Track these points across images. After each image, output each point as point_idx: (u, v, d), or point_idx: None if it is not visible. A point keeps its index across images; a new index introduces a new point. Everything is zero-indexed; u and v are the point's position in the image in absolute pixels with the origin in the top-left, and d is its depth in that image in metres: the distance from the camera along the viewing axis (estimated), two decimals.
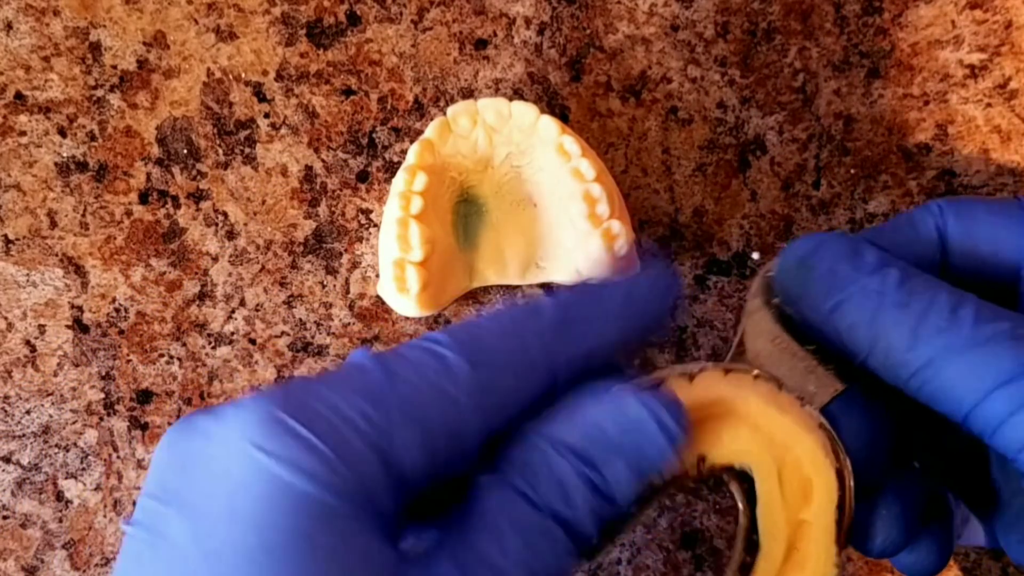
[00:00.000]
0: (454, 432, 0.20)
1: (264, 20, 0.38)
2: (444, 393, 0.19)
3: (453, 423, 0.20)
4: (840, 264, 0.23)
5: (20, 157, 0.37)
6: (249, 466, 0.17)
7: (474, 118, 0.34)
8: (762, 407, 0.24)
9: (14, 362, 0.37)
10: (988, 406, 0.20)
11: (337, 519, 0.17)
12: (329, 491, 0.17)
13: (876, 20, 0.37)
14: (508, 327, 0.21)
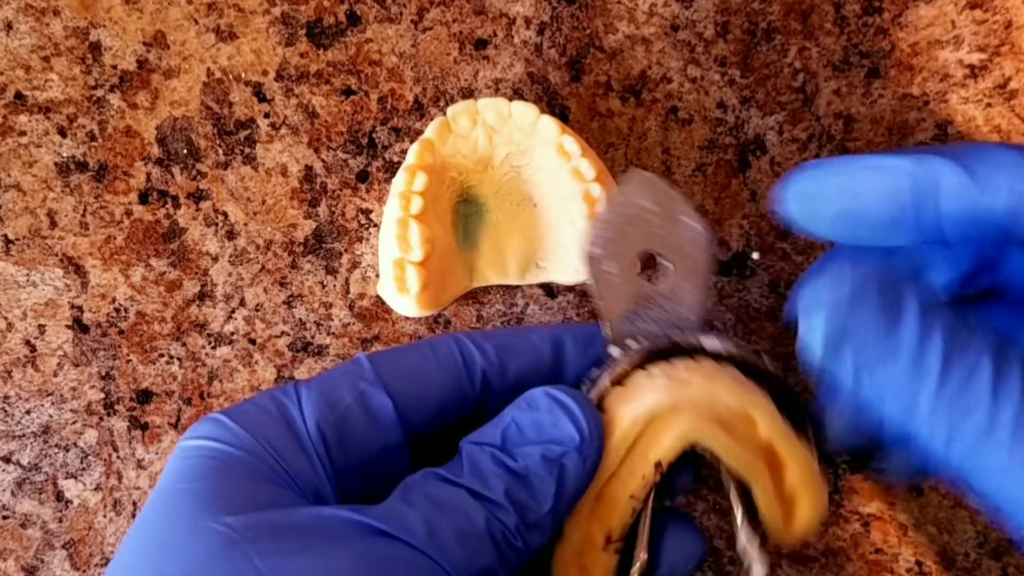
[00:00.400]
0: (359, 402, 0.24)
1: (264, 20, 0.38)
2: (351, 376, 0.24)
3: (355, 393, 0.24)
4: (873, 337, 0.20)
5: (20, 157, 0.37)
6: (178, 451, 0.23)
7: (474, 118, 0.34)
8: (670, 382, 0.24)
9: (14, 362, 0.37)
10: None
11: (232, 462, 0.22)
12: (225, 443, 0.22)
13: (876, 20, 0.37)
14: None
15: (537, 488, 0.22)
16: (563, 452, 0.22)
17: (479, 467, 0.22)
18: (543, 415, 0.22)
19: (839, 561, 0.37)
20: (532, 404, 0.23)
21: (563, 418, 0.22)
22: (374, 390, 0.24)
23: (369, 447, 0.23)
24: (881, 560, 0.36)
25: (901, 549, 0.36)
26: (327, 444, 0.23)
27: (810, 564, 0.37)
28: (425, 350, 0.25)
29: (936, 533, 0.36)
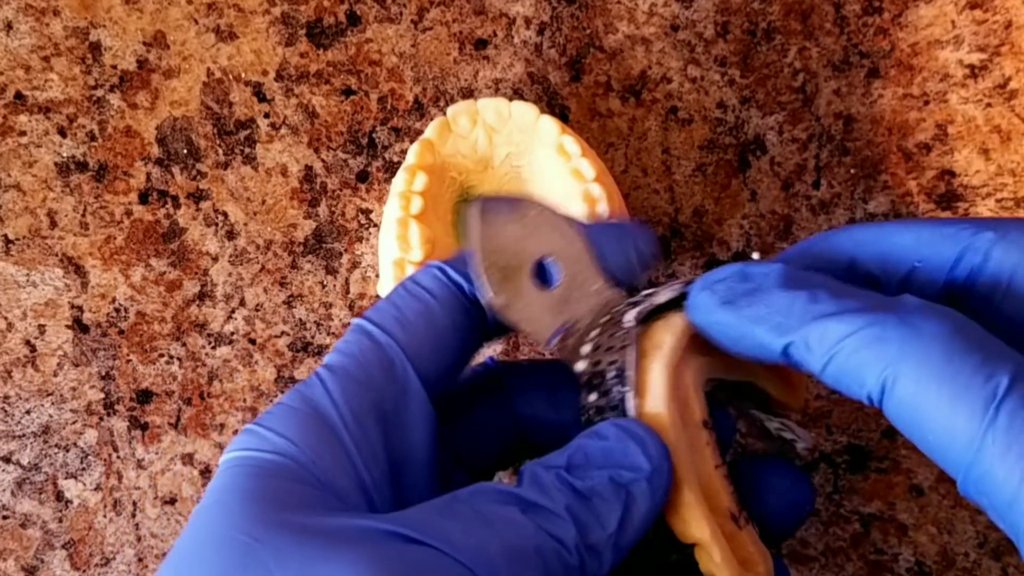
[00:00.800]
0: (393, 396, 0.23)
1: (264, 20, 0.38)
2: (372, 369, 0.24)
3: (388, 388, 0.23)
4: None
5: (20, 157, 0.37)
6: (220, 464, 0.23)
7: (474, 118, 0.34)
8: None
9: (14, 362, 0.37)
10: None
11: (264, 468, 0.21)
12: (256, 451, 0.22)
13: (876, 20, 0.37)
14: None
15: (601, 510, 0.21)
16: (632, 479, 0.21)
17: (541, 481, 0.21)
18: (612, 443, 0.22)
19: (839, 561, 0.37)
20: (600, 434, 0.22)
21: (633, 447, 0.22)
22: (397, 356, 0.24)
23: (402, 417, 0.23)
24: (881, 560, 0.36)
25: (901, 549, 0.36)
26: (367, 433, 0.22)
27: (810, 564, 0.37)
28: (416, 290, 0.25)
29: (936, 533, 0.36)
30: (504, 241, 0.24)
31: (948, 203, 0.36)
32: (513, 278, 0.24)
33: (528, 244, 0.24)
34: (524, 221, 0.24)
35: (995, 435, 0.18)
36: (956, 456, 0.18)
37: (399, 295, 0.25)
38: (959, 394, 0.18)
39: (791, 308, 0.20)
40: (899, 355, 0.19)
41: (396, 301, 0.24)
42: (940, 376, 0.18)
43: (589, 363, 0.24)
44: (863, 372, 0.19)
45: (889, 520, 0.36)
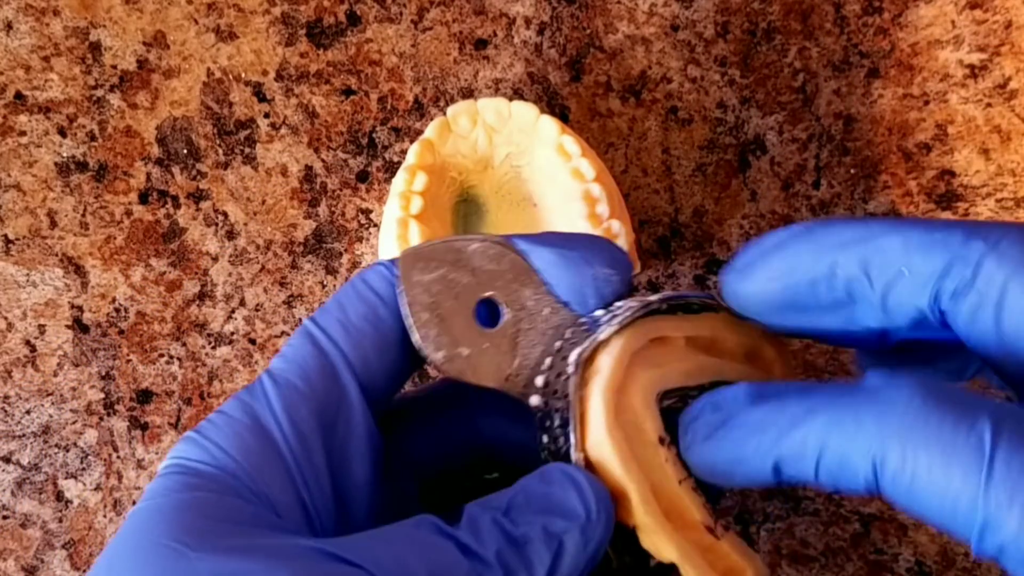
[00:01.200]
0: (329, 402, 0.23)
1: (264, 20, 0.38)
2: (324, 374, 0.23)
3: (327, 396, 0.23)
4: None
5: (20, 157, 0.37)
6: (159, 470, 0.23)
7: (474, 118, 0.34)
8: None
9: (14, 362, 0.37)
10: None
11: (199, 479, 0.21)
12: (195, 460, 0.22)
13: (876, 20, 0.37)
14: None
15: (531, 559, 0.21)
16: (565, 528, 0.21)
17: (477, 525, 0.21)
18: (554, 488, 0.22)
19: (839, 561, 0.37)
20: (546, 477, 0.22)
21: (572, 493, 0.22)
22: (340, 363, 0.23)
23: (342, 428, 0.23)
24: (881, 560, 0.36)
25: (901, 549, 0.36)
26: (307, 443, 0.22)
27: (810, 564, 0.37)
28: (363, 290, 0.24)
29: (936, 533, 0.36)
30: (437, 291, 0.23)
31: (948, 203, 0.36)
32: (454, 327, 0.23)
33: (465, 286, 0.23)
34: (457, 263, 0.23)
35: (996, 490, 0.17)
36: (964, 519, 0.18)
37: (346, 295, 0.24)
38: (948, 453, 0.18)
39: (764, 424, 0.20)
40: (879, 433, 0.18)
41: (343, 301, 0.24)
42: (926, 440, 0.18)
43: (540, 400, 0.23)
44: (853, 464, 0.19)
45: (889, 520, 0.36)
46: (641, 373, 0.23)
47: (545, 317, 0.23)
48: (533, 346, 0.23)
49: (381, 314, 0.23)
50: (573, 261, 0.24)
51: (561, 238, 0.25)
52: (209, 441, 0.22)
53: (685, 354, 0.24)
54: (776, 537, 0.37)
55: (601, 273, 0.24)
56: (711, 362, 0.24)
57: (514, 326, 0.23)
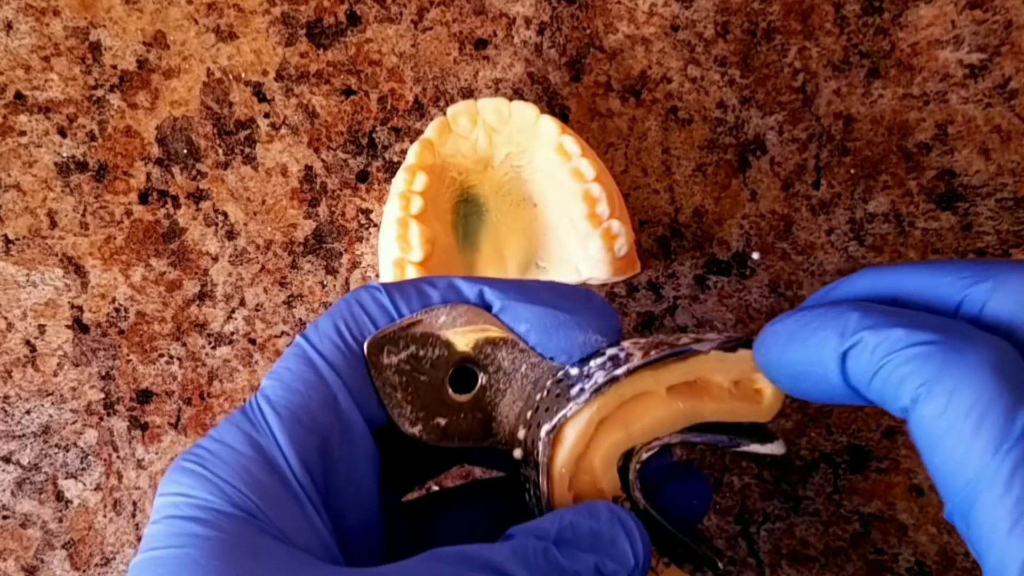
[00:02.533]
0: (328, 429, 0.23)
1: (264, 20, 0.38)
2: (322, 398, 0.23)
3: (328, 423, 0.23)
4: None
5: (20, 157, 0.37)
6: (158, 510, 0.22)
7: (474, 118, 0.34)
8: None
9: (14, 362, 0.37)
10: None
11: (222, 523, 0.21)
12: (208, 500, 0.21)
13: (876, 20, 0.37)
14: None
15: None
16: (615, 571, 0.22)
17: (527, 556, 0.21)
18: (603, 527, 0.22)
19: (839, 561, 0.37)
20: (593, 514, 0.22)
21: (623, 538, 0.22)
22: (341, 393, 0.23)
23: (346, 458, 0.23)
24: (881, 560, 0.36)
25: (901, 549, 0.36)
26: (313, 478, 0.22)
27: (810, 564, 0.37)
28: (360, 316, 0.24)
29: (936, 533, 0.36)
30: (408, 369, 0.24)
31: (948, 203, 0.36)
32: (428, 400, 0.24)
33: (436, 360, 0.24)
34: (424, 339, 0.24)
35: (1000, 475, 0.18)
36: (958, 481, 0.19)
37: (341, 316, 0.24)
38: (980, 426, 0.19)
39: (847, 323, 0.21)
40: (937, 374, 0.19)
41: (339, 325, 0.24)
42: (969, 404, 0.19)
43: (522, 453, 0.24)
44: (903, 385, 0.20)
45: (889, 520, 0.36)
46: (605, 438, 0.24)
47: (523, 374, 0.24)
48: (513, 403, 0.24)
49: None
50: (564, 324, 0.24)
51: (554, 294, 0.25)
52: (218, 477, 0.21)
53: (663, 403, 0.24)
54: (776, 537, 0.37)
55: (592, 340, 0.24)
56: (688, 407, 0.24)
57: (490, 388, 0.24)
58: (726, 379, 0.25)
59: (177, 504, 0.21)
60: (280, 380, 0.23)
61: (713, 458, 0.37)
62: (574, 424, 0.23)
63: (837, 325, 0.21)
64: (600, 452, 0.24)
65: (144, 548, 0.21)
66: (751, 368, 0.25)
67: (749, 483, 0.37)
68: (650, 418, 0.24)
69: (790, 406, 0.37)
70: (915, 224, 0.37)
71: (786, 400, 0.35)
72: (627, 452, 0.24)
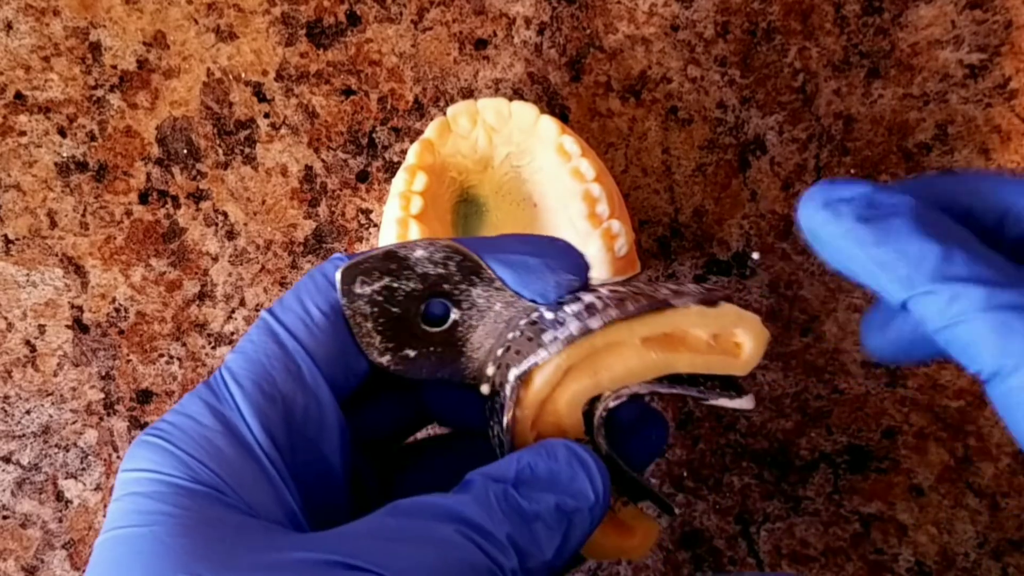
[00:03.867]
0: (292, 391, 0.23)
1: (264, 20, 0.38)
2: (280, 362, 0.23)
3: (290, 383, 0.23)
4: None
5: (20, 157, 0.37)
6: (117, 483, 0.22)
7: (474, 118, 0.34)
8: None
9: (14, 362, 0.37)
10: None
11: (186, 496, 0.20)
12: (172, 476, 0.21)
13: (876, 20, 0.37)
14: None
15: (542, 537, 0.21)
16: (576, 508, 0.22)
17: (488, 500, 0.21)
18: (561, 466, 0.22)
19: (839, 561, 0.37)
20: (551, 453, 0.23)
21: (581, 474, 0.22)
22: (305, 363, 0.23)
23: (311, 427, 0.23)
24: (881, 560, 0.36)
25: (901, 549, 0.36)
26: (278, 447, 0.22)
27: (810, 564, 0.37)
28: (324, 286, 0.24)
29: (936, 533, 0.36)
30: (381, 300, 0.24)
31: None
32: (399, 332, 0.24)
33: (409, 293, 0.24)
34: (399, 271, 0.24)
35: None
36: None
37: (307, 289, 0.24)
38: None
39: (921, 262, 0.20)
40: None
41: (302, 298, 0.24)
42: None
43: (489, 389, 0.24)
44: (981, 351, 0.19)
45: (889, 520, 0.36)
46: (572, 383, 0.24)
47: (497, 312, 0.24)
48: (484, 338, 0.24)
49: (340, 310, 0.24)
50: (536, 268, 0.24)
51: (520, 242, 0.25)
52: (182, 451, 0.21)
53: (635, 353, 0.24)
54: (776, 537, 0.37)
55: (564, 279, 0.24)
56: (661, 358, 0.24)
57: (463, 324, 0.24)
58: (705, 332, 0.25)
59: (140, 480, 0.21)
60: (243, 353, 0.23)
61: (713, 458, 0.37)
62: (543, 371, 0.24)
63: (910, 258, 0.20)
64: (566, 396, 0.24)
65: (108, 526, 0.21)
66: (732, 322, 0.25)
67: (749, 483, 0.37)
68: (620, 367, 0.24)
69: (790, 406, 0.37)
70: None
71: (786, 393, 0.35)
72: (594, 397, 0.24)
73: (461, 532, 0.20)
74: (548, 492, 0.22)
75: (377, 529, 0.21)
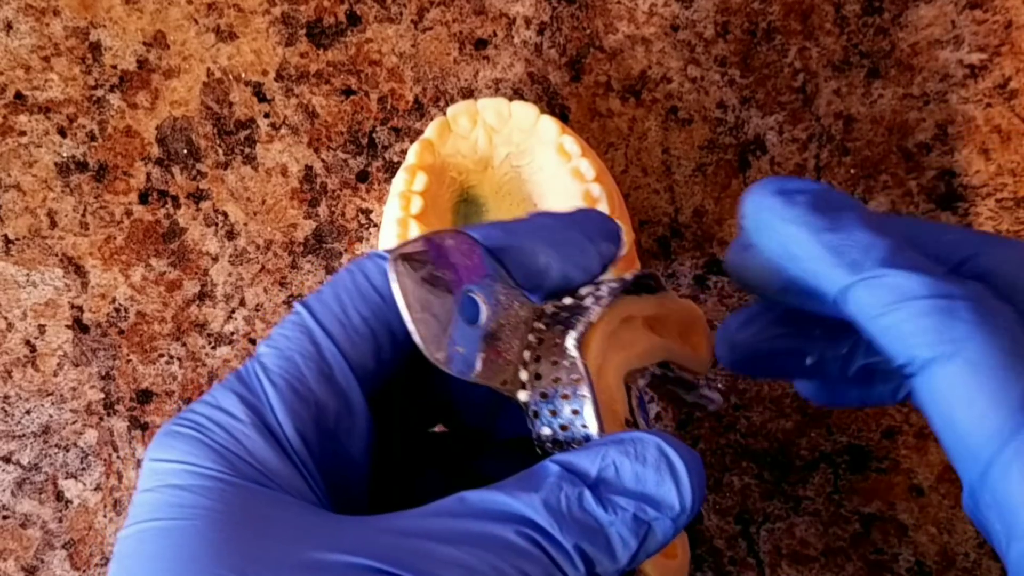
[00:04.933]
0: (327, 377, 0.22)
1: (264, 20, 0.38)
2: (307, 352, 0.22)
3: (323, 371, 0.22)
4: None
5: (20, 157, 0.37)
6: (144, 474, 0.21)
7: (474, 118, 0.34)
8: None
9: (14, 362, 0.37)
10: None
11: (220, 490, 0.20)
12: (205, 468, 0.20)
13: (876, 20, 0.37)
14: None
15: (616, 547, 0.20)
16: (657, 518, 0.20)
17: (559, 506, 0.20)
18: (648, 470, 0.20)
19: (839, 561, 0.37)
20: (639, 454, 0.21)
21: (668, 480, 0.20)
22: (339, 367, 0.22)
23: (342, 430, 0.22)
24: (881, 560, 0.36)
25: (901, 549, 0.36)
26: (309, 448, 0.21)
27: (810, 564, 0.37)
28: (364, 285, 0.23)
29: (936, 533, 0.36)
30: (427, 291, 0.22)
31: (948, 203, 0.36)
32: (448, 325, 0.22)
33: (448, 283, 0.22)
34: (438, 261, 0.22)
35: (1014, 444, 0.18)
36: (977, 448, 0.18)
37: (344, 286, 0.23)
38: (1006, 390, 0.18)
39: (871, 249, 0.20)
40: (966, 336, 0.19)
41: (340, 296, 0.23)
42: (996, 368, 0.18)
43: (535, 394, 0.22)
44: (915, 337, 0.19)
45: (889, 520, 0.36)
46: (613, 355, 0.23)
47: (515, 311, 0.23)
48: (511, 340, 0.23)
49: (380, 312, 0.23)
50: (578, 242, 0.23)
51: (554, 219, 0.24)
52: (219, 444, 0.21)
53: (642, 335, 0.24)
54: (776, 537, 0.37)
55: (605, 249, 0.23)
56: (661, 343, 0.24)
57: (494, 321, 0.23)
58: (678, 324, 0.25)
59: (177, 472, 0.20)
60: (277, 348, 0.22)
61: (713, 458, 0.37)
62: (596, 337, 0.22)
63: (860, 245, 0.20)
64: (613, 368, 0.23)
65: (141, 517, 0.20)
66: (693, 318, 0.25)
67: (749, 483, 0.37)
68: (641, 344, 0.23)
69: (790, 406, 0.37)
70: None
71: (786, 393, 0.35)
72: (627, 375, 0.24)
73: (524, 535, 0.19)
74: (630, 498, 0.20)
75: (430, 530, 0.19)
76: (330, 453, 0.22)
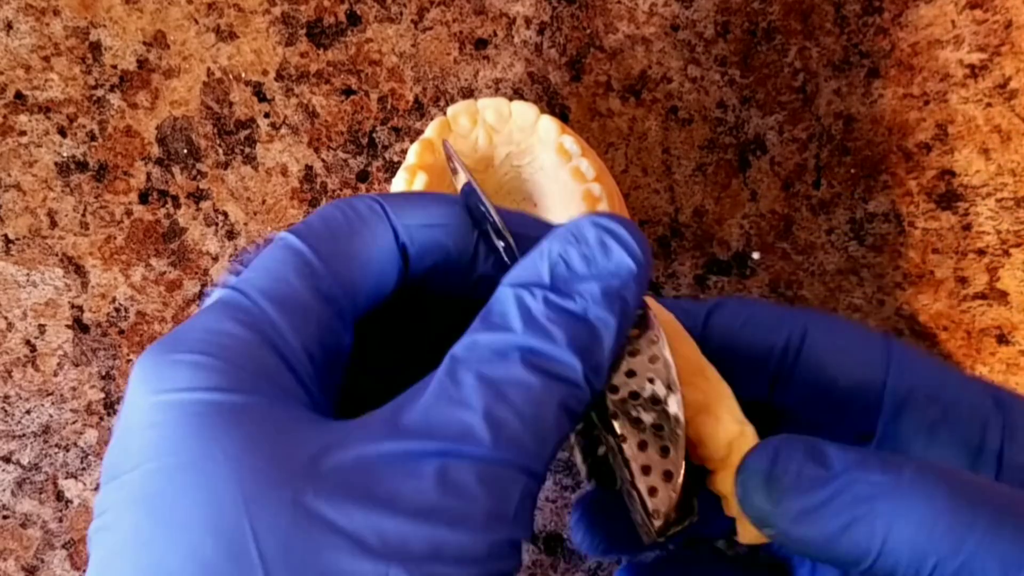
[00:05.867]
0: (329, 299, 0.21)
1: (264, 20, 0.38)
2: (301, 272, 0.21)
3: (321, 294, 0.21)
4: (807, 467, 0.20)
5: (20, 157, 0.37)
6: (147, 409, 0.19)
7: (474, 118, 0.34)
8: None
9: (14, 362, 0.37)
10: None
11: (244, 410, 0.19)
12: (223, 390, 0.19)
13: (876, 20, 0.37)
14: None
15: (599, 329, 0.20)
16: (623, 284, 0.20)
17: (533, 315, 0.19)
18: (594, 249, 0.20)
19: None
20: (579, 236, 0.20)
21: (616, 248, 0.20)
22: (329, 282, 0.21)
23: (334, 340, 0.22)
24: None
25: None
26: (314, 365, 0.21)
27: None
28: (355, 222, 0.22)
29: None
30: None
31: (948, 203, 0.36)
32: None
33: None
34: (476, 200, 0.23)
35: None
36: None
37: (333, 216, 0.22)
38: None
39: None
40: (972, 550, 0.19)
41: (330, 224, 0.22)
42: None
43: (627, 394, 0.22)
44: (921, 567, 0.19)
45: None
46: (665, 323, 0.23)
47: None
48: None
49: (370, 250, 0.22)
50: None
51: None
52: (230, 363, 0.19)
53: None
54: None
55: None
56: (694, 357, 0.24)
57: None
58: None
59: (194, 402, 0.19)
60: (267, 270, 0.22)
61: None
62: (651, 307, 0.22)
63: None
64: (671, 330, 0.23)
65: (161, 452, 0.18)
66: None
67: None
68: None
69: None
70: (915, 224, 0.37)
71: None
72: None
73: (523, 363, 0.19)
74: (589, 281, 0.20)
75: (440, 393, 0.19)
76: (327, 368, 0.21)
